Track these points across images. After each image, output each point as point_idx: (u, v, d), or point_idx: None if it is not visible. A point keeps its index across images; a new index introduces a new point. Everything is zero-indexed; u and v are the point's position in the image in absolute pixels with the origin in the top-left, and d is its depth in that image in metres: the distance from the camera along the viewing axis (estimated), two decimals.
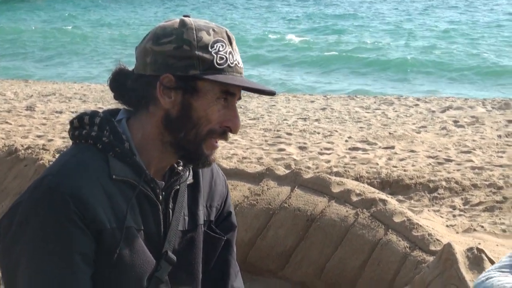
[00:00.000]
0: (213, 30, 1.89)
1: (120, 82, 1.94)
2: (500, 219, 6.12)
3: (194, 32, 1.87)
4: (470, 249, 3.97)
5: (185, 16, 1.94)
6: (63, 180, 1.80)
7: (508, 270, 1.83)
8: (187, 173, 2.03)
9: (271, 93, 1.94)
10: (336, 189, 4.95)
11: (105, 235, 1.82)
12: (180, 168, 2.01)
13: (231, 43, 1.91)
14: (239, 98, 1.93)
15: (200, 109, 1.87)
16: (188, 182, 2.03)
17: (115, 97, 1.98)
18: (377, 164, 8.03)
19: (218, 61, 1.87)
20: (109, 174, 1.86)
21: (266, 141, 9.53)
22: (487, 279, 1.83)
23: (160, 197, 1.95)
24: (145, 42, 1.91)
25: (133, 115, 1.95)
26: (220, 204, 2.16)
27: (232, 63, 1.89)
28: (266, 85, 1.97)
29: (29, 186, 1.85)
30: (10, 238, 1.81)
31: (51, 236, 1.77)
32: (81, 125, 1.93)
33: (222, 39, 1.89)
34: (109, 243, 1.83)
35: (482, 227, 5.80)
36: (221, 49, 1.88)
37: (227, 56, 1.88)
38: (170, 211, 1.98)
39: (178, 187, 2.00)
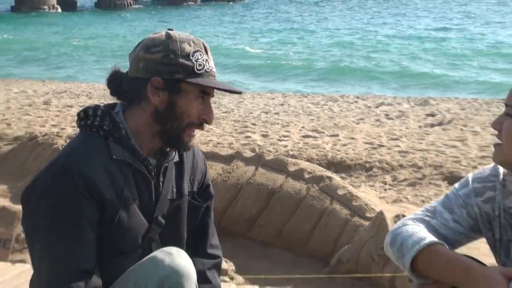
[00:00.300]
0: (193, 41, 1.92)
1: (116, 84, 1.95)
2: (420, 192, 6.19)
3: (178, 43, 1.88)
4: (397, 216, 4.02)
5: (169, 29, 1.95)
6: (73, 161, 1.81)
7: (420, 222, 1.87)
8: (174, 153, 2.04)
9: (239, 92, 1.99)
10: (292, 168, 4.98)
11: (107, 204, 1.83)
12: (168, 149, 2.02)
13: (207, 52, 1.94)
14: (213, 96, 1.96)
15: (183, 106, 1.89)
16: (174, 160, 2.05)
17: (111, 94, 1.99)
18: (325, 148, 8.06)
19: (198, 67, 1.89)
20: (110, 156, 1.87)
21: (235, 130, 9.51)
22: (403, 225, 1.87)
23: (153, 173, 1.96)
24: (138, 50, 1.92)
25: (128, 109, 1.96)
26: (201, 178, 2.17)
27: (208, 69, 1.92)
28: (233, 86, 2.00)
29: (46, 165, 1.86)
30: (30, 207, 1.82)
31: (64, 206, 1.77)
32: (86, 116, 1.93)
33: (200, 49, 1.91)
34: (111, 211, 1.84)
35: (407, 198, 5.87)
36: (199, 57, 1.90)
37: (204, 63, 1.91)
38: (161, 184, 1.99)
39: (167, 164, 2.01)
